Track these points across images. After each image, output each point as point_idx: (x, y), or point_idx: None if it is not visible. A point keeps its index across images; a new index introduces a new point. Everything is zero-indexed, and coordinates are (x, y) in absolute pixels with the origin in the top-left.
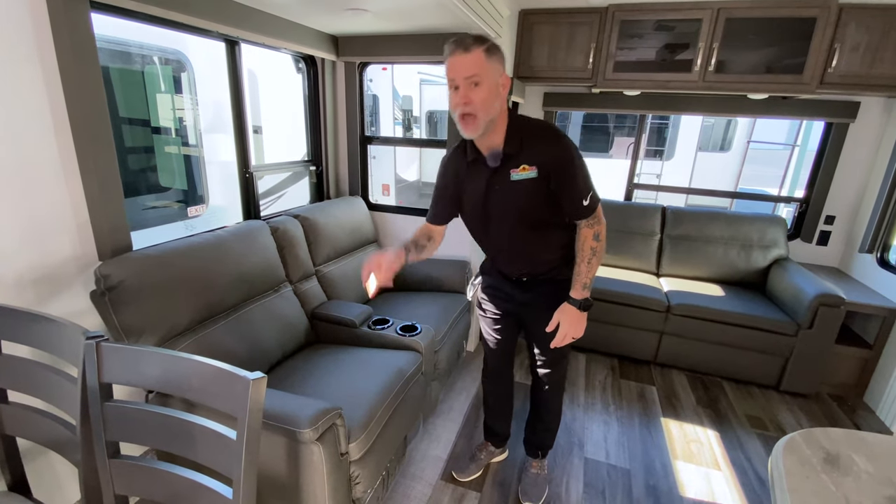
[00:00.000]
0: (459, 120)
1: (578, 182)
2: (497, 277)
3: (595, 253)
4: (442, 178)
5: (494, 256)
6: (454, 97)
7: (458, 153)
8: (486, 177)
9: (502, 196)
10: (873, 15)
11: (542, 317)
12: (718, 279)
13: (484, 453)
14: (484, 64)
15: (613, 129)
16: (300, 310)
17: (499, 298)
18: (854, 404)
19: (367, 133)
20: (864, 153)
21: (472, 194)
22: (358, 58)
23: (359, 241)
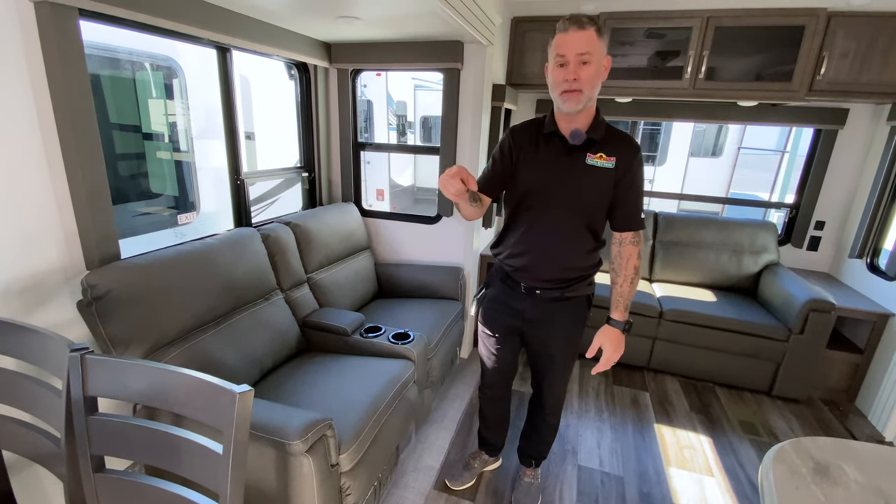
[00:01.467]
0: (562, 94)
1: (642, 192)
2: (506, 288)
3: (637, 273)
4: (507, 146)
5: (523, 253)
6: (561, 73)
7: (532, 125)
8: (559, 154)
9: (570, 178)
10: (861, 23)
11: (551, 338)
12: (710, 285)
13: (477, 462)
14: (595, 42)
15: None
16: (291, 318)
17: (504, 314)
18: (846, 409)
19: (360, 139)
20: (853, 159)
21: (539, 168)
22: (350, 64)
23: (351, 247)
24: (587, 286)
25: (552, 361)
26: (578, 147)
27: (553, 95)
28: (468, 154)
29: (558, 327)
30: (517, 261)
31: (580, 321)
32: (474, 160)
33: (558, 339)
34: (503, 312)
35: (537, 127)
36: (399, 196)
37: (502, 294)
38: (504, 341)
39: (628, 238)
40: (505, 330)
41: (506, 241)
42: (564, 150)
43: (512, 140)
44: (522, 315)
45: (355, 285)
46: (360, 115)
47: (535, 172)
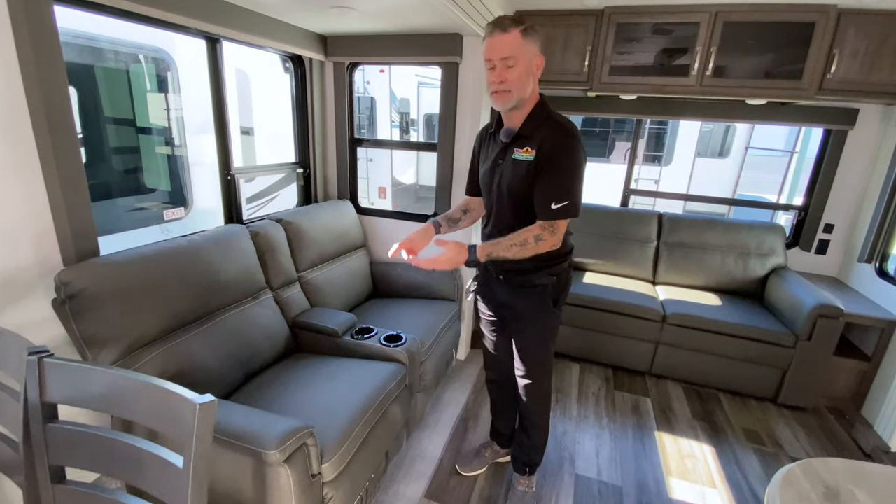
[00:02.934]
0: (492, 95)
1: (558, 183)
2: (486, 273)
3: (524, 246)
4: (475, 146)
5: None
6: (490, 76)
7: (489, 125)
8: (498, 149)
9: (502, 172)
10: (872, 21)
11: (518, 325)
12: (715, 288)
13: (489, 451)
14: (520, 45)
15: (613, 133)
16: (280, 318)
17: (487, 298)
18: (852, 418)
19: (357, 135)
20: (863, 161)
21: (485, 163)
22: (347, 58)
23: (345, 246)
24: (548, 276)
25: (523, 348)
26: (511, 143)
27: (488, 95)
28: (466, 151)
29: (524, 313)
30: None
31: (545, 310)
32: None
33: (525, 325)
34: (486, 297)
35: (489, 126)
36: (401, 194)
37: (484, 279)
38: (495, 323)
39: (538, 221)
40: (492, 315)
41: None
42: (502, 147)
43: (477, 140)
44: (496, 298)
45: (349, 285)
46: (362, 112)
47: (483, 168)
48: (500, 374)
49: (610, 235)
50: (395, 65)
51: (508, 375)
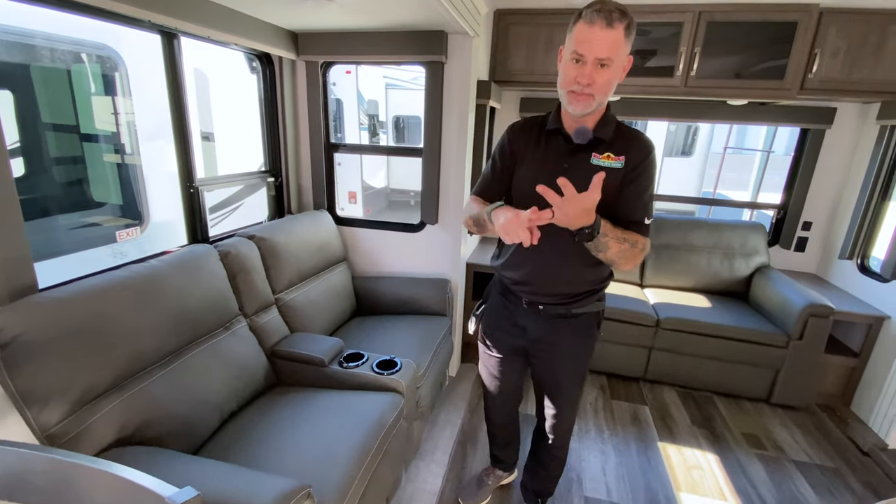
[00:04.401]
0: (570, 94)
1: (650, 192)
2: (507, 303)
3: (633, 247)
4: (506, 145)
5: (523, 264)
6: (574, 70)
7: (534, 121)
8: (561, 153)
9: (574, 180)
10: (853, 20)
11: (556, 360)
12: (702, 289)
13: (491, 478)
14: (621, 45)
15: None
16: (257, 348)
17: (506, 332)
18: (843, 415)
19: (332, 140)
20: (840, 160)
21: (539, 168)
22: (321, 57)
23: (325, 261)
24: (596, 301)
25: (558, 386)
26: (583, 146)
27: (560, 91)
28: (454, 156)
29: (565, 348)
30: (517, 273)
31: (589, 341)
32: (461, 162)
33: (565, 361)
34: (504, 330)
35: (539, 124)
36: (372, 198)
37: (503, 309)
38: (507, 362)
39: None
40: (507, 349)
41: (504, 251)
42: (568, 150)
43: (512, 137)
44: (525, 333)
45: (331, 303)
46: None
47: (534, 173)
48: (506, 415)
49: None
50: (374, 64)
51: (515, 413)
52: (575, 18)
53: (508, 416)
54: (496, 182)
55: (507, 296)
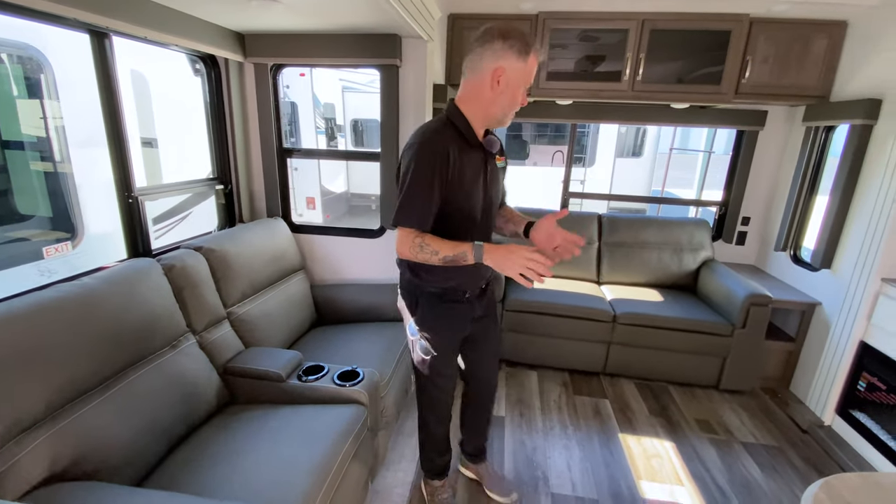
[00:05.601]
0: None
1: None
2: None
3: None
4: (442, 167)
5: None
6: (521, 97)
7: (451, 134)
8: (481, 162)
9: (493, 184)
10: (780, 29)
11: (494, 326)
12: (655, 283)
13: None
14: None
15: (536, 137)
16: (208, 366)
17: (457, 328)
18: (784, 396)
19: (285, 145)
20: (773, 158)
21: (472, 180)
22: (270, 59)
23: (281, 270)
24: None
25: (496, 350)
26: (490, 153)
27: (502, 112)
28: None
29: (495, 314)
30: (461, 276)
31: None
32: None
33: (495, 318)
34: (460, 319)
35: (457, 139)
36: (332, 204)
37: (448, 309)
38: (454, 356)
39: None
40: (455, 344)
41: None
42: (483, 159)
43: (443, 158)
44: (475, 313)
45: (289, 314)
46: (284, 117)
47: (469, 186)
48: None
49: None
50: (327, 67)
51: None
52: (523, 51)
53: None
54: (433, 207)
55: (447, 296)
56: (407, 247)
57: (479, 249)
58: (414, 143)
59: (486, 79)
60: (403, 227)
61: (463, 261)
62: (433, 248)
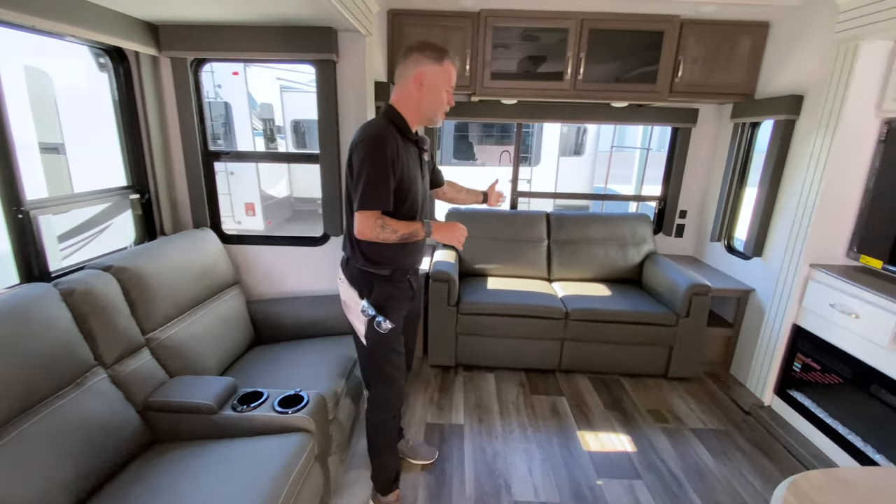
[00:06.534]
0: (443, 114)
1: None
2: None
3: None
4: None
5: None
6: (446, 97)
7: (397, 134)
8: (418, 156)
9: (427, 174)
10: (708, 30)
11: (419, 302)
12: (603, 278)
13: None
14: None
15: (483, 137)
16: (124, 403)
17: (404, 301)
18: (726, 380)
19: (212, 147)
20: (705, 154)
21: (414, 173)
22: (190, 53)
23: (211, 287)
24: None
25: (419, 317)
26: (423, 149)
27: (432, 111)
28: None
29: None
30: (408, 259)
31: None
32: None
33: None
34: (404, 301)
35: (398, 133)
36: (274, 209)
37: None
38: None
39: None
40: (401, 325)
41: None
42: (419, 154)
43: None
44: (414, 292)
45: (222, 336)
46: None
47: (414, 180)
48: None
49: (504, 238)
50: (256, 62)
51: None
52: (437, 57)
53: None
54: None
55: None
56: (369, 228)
57: (428, 226)
58: (366, 136)
59: (411, 83)
60: (367, 211)
61: (416, 237)
62: (393, 227)
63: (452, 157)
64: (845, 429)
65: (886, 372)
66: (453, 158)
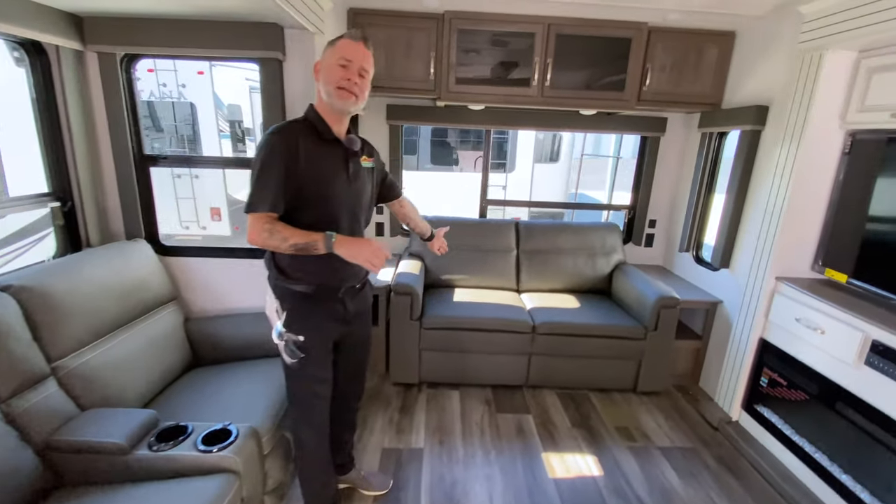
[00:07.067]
0: (339, 90)
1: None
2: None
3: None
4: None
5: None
6: (342, 72)
7: (303, 129)
8: (343, 158)
9: (360, 181)
10: (676, 38)
11: (368, 323)
12: (572, 289)
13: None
14: (373, 65)
15: (460, 143)
16: (19, 444)
17: (332, 321)
18: (695, 393)
19: (147, 151)
20: (674, 163)
21: (331, 173)
22: (120, 48)
23: (140, 305)
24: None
25: (368, 349)
26: (355, 152)
27: (327, 90)
28: None
29: (368, 308)
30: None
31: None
32: None
33: (369, 320)
34: (325, 331)
35: (310, 131)
36: (241, 214)
37: (317, 312)
38: (328, 364)
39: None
40: (329, 346)
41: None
42: (345, 156)
43: (289, 144)
44: (348, 313)
45: (151, 360)
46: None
47: (326, 178)
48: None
49: (473, 248)
50: (195, 59)
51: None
52: (334, 40)
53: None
54: (280, 191)
55: (318, 295)
56: (257, 232)
57: (329, 239)
58: (265, 133)
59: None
60: (254, 213)
61: (314, 250)
62: (283, 234)
63: (430, 161)
64: (812, 447)
65: (852, 390)
66: (430, 163)
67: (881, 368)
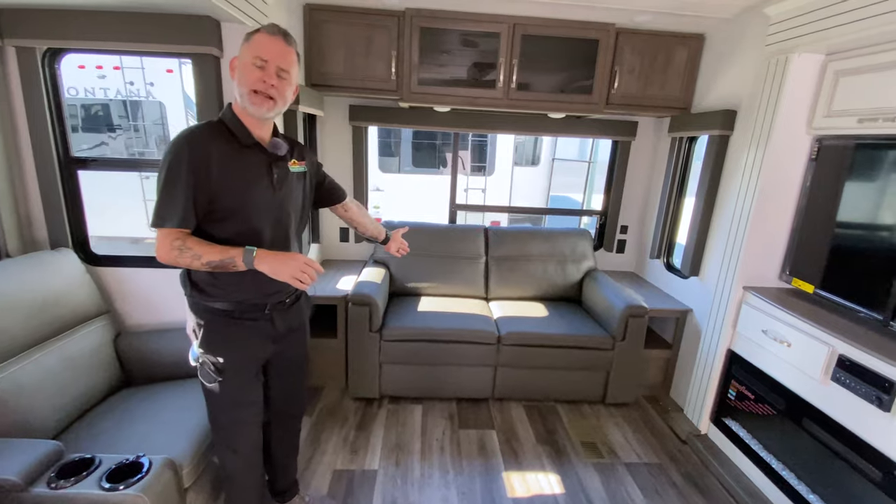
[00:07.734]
0: (253, 94)
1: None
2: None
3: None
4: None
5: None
6: (258, 73)
7: (220, 134)
8: (265, 163)
9: (286, 188)
10: (644, 40)
11: (301, 338)
12: (541, 297)
13: None
14: (295, 64)
15: (441, 145)
16: None
17: (258, 339)
18: (665, 403)
19: (74, 153)
20: (645, 168)
21: (252, 180)
22: (41, 42)
23: (59, 322)
24: None
25: (303, 368)
26: (280, 157)
27: (240, 92)
28: None
29: (303, 324)
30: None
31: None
32: None
33: (304, 337)
34: (249, 350)
35: (226, 136)
36: None
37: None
38: (256, 386)
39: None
40: (254, 371)
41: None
42: (268, 161)
43: (201, 153)
44: (277, 330)
45: (68, 382)
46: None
47: (245, 185)
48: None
49: (440, 255)
50: (123, 53)
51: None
52: (250, 34)
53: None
54: (190, 203)
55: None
56: (166, 250)
57: (249, 254)
58: (171, 140)
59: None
60: (161, 229)
61: (232, 267)
62: (196, 251)
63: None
64: (779, 464)
65: (819, 406)
66: (412, 166)
67: (847, 385)
